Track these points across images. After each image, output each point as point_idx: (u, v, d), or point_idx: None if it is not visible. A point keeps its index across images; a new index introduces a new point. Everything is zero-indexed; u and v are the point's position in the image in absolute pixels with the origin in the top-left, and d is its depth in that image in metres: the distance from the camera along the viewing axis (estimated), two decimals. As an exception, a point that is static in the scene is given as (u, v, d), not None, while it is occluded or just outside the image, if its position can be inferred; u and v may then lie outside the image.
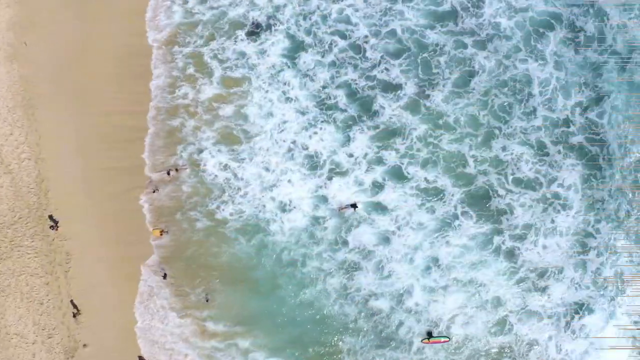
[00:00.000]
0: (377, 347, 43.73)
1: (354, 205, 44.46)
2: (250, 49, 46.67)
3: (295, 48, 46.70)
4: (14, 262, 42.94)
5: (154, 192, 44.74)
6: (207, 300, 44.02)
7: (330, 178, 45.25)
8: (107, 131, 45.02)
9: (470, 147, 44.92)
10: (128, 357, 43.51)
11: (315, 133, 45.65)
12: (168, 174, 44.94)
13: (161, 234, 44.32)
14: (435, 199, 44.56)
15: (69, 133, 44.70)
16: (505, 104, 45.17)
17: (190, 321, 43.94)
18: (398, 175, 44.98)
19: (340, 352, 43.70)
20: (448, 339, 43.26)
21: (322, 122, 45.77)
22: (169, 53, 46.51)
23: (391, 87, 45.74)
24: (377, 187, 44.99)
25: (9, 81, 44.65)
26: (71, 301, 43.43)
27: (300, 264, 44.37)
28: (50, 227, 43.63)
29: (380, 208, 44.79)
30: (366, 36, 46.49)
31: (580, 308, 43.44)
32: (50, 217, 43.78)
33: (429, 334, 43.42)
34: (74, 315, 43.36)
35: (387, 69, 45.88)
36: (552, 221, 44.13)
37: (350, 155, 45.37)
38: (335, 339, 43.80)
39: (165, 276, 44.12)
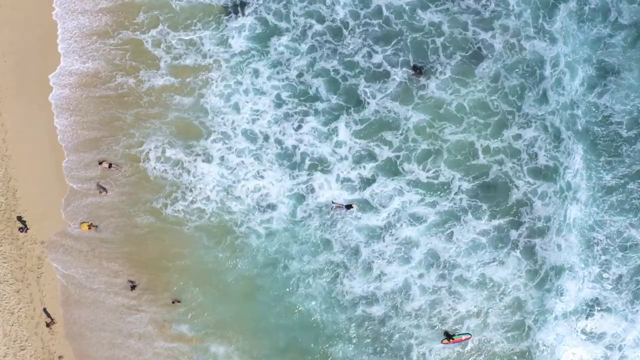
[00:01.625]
0: (373, 353, 41.72)
1: (349, 206, 41.09)
2: (210, 35, 41.99)
3: (267, 32, 41.88)
4: (-19, 269, 41.24)
5: (100, 192, 41.68)
6: (173, 302, 41.66)
7: (310, 174, 41.60)
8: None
9: (478, 137, 40.95)
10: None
11: (292, 125, 41.66)
12: (100, 163, 41.60)
13: (89, 228, 41.56)
14: (440, 193, 41.26)
15: (38, 128, 42.17)
16: (517, 87, 40.71)
17: (149, 320, 42.01)
18: (393, 170, 41.46)
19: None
20: (470, 335, 40.69)
21: (299, 113, 41.64)
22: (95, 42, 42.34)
23: (380, 75, 41.25)
24: (369, 182, 41.60)
25: (-30, 72, 41.88)
26: (44, 309, 41.75)
27: (281, 265, 41.66)
28: (19, 230, 41.68)
29: (371, 207, 41.53)
30: (345, 15, 41.29)
31: (595, 308, 40.97)
32: (19, 218, 41.81)
33: (448, 335, 40.87)
34: (48, 325, 41.70)
35: (369, 54, 41.21)
36: (566, 214, 40.71)
37: (334, 152, 41.50)
38: (327, 345, 41.76)
39: (133, 287, 41.71)
